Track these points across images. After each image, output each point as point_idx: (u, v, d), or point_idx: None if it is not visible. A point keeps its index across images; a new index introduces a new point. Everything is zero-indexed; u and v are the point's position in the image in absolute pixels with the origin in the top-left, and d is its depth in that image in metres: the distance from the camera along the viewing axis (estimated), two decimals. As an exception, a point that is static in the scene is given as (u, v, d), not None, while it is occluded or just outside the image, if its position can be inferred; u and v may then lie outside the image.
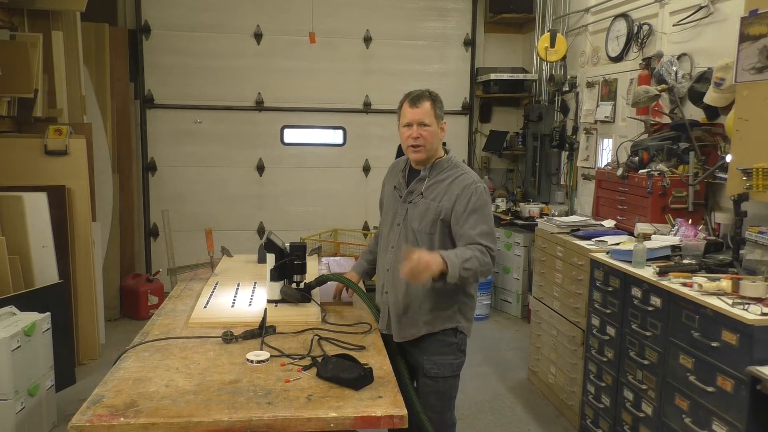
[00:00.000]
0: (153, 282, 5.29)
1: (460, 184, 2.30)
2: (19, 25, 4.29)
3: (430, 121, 2.29)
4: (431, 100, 2.31)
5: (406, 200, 2.38)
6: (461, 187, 2.28)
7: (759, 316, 2.10)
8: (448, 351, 2.37)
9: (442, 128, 2.35)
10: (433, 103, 2.31)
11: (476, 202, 2.26)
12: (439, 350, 2.36)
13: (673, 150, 3.36)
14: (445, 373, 2.37)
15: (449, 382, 2.40)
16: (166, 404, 1.67)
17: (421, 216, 2.32)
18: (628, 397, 2.88)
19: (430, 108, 2.29)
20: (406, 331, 2.36)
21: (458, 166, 2.38)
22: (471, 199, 2.26)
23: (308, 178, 5.99)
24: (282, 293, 2.48)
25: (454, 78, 6.06)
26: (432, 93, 2.34)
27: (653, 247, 2.90)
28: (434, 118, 2.30)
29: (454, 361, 2.38)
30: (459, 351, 2.40)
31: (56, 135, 4.17)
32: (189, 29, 5.61)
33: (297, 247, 2.50)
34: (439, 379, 2.37)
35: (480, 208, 2.27)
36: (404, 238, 2.35)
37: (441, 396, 2.39)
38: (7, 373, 3.06)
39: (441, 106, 2.35)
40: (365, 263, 2.72)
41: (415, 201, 2.35)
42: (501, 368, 4.35)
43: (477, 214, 2.25)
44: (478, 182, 2.32)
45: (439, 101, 2.35)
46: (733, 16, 3.13)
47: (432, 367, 2.35)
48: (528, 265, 5.33)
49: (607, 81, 4.45)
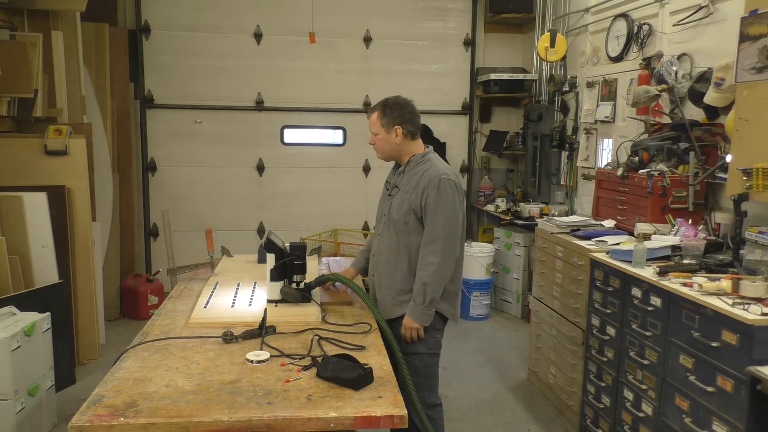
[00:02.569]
0: (153, 282, 5.29)
1: (427, 177, 2.52)
2: (19, 25, 4.28)
3: (376, 129, 2.59)
4: (380, 109, 2.58)
5: (390, 193, 2.66)
6: (427, 181, 2.50)
7: (759, 316, 2.10)
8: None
9: (396, 133, 2.56)
10: (381, 112, 2.57)
11: (436, 197, 2.47)
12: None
13: (673, 150, 3.35)
14: (419, 349, 2.55)
15: (424, 359, 2.58)
16: (166, 404, 1.67)
17: (398, 207, 2.57)
18: (628, 397, 2.88)
19: (376, 118, 2.58)
20: (389, 309, 2.58)
21: (429, 161, 2.59)
22: (431, 194, 2.47)
23: (308, 178, 5.98)
24: (282, 293, 2.49)
25: (454, 78, 6.06)
26: (386, 102, 2.59)
27: (653, 247, 2.90)
28: (381, 127, 2.57)
29: (428, 338, 2.55)
30: (434, 330, 2.57)
31: (56, 135, 4.17)
32: (189, 29, 5.61)
33: (297, 247, 2.52)
34: (414, 355, 2.54)
35: (440, 202, 2.47)
36: (386, 228, 2.63)
37: (416, 372, 2.51)
38: (7, 373, 3.06)
39: (393, 112, 2.56)
40: (363, 260, 2.89)
41: (394, 194, 2.63)
42: (501, 368, 4.35)
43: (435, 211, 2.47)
44: (443, 174, 2.51)
45: (391, 108, 2.57)
46: (733, 16, 3.13)
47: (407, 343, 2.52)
48: (528, 265, 5.33)
49: (607, 81, 4.45)
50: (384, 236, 2.64)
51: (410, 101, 2.62)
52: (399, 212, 2.56)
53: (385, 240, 2.63)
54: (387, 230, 2.62)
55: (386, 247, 2.62)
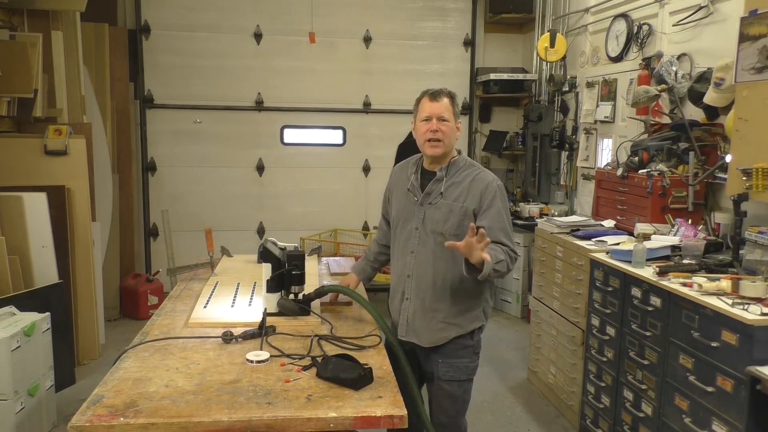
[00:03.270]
0: (153, 282, 5.28)
1: (482, 182, 2.28)
2: (19, 25, 4.28)
3: (449, 116, 2.28)
4: (450, 96, 2.32)
5: (423, 203, 2.32)
6: (484, 185, 2.27)
7: (759, 316, 2.10)
8: (464, 354, 2.35)
9: (458, 127, 2.34)
10: (452, 99, 2.32)
11: (499, 202, 2.26)
12: (455, 353, 2.33)
13: (673, 150, 3.36)
14: (460, 376, 2.34)
15: (464, 385, 2.37)
16: (166, 404, 1.67)
17: (444, 217, 2.27)
18: (628, 397, 2.88)
19: (449, 104, 2.30)
20: (436, 335, 2.31)
21: (474, 165, 2.37)
22: (495, 198, 2.26)
23: (308, 178, 5.98)
24: (279, 306, 2.36)
25: (453, 78, 6.05)
26: (451, 91, 2.35)
27: (653, 247, 2.90)
28: (452, 115, 2.30)
29: (469, 364, 2.36)
30: (474, 354, 2.37)
31: (56, 135, 4.17)
32: (189, 29, 5.61)
33: (295, 256, 2.36)
34: (454, 382, 2.34)
35: (502, 207, 2.27)
36: (423, 242, 2.30)
37: (455, 400, 2.36)
38: (6, 373, 3.06)
39: (458, 105, 2.36)
40: (369, 270, 2.66)
41: (434, 202, 2.30)
42: (501, 368, 4.35)
43: (500, 214, 2.25)
44: (497, 180, 2.32)
45: (457, 100, 2.36)
46: (733, 16, 3.13)
47: (448, 370, 2.32)
48: (528, 265, 5.33)
49: (606, 81, 4.45)
50: (422, 253, 2.29)
51: None
52: (447, 223, 2.25)
53: (426, 257, 2.29)
54: (425, 245, 2.29)
55: (429, 266, 2.29)
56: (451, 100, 2.31)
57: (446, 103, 2.29)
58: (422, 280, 2.30)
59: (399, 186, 2.46)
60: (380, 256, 2.65)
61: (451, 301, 2.29)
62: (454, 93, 2.35)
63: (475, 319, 2.35)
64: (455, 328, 2.30)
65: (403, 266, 2.36)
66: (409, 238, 2.34)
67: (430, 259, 2.29)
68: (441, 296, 2.29)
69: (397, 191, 2.47)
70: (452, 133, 2.30)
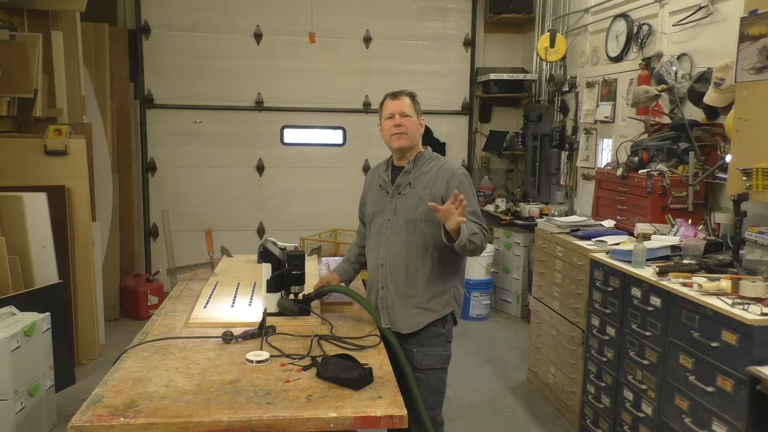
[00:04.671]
0: (153, 282, 5.29)
1: (448, 170, 2.43)
2: (18, 25, 4.28)
3: (410, 112, 2.44)
4: (410, 96, 2.48)
5: (394, 195, 2.45)
6: (450, 173, 2.41)
7: (759, 316, 2.10)
8: (437, 342, 2.44)
9: (421, 123, 2.49)
10: (412, 98, 2.48)
11: (468, 187, 2.40)
12: (429, 341, 2.43)
13: (672, 150, 3.36)
14: (435, 364, 2.43)
15: (438, 374, 2.46)
16: (166, 404, 1.67)
17: (414, 206, 2.40)
18: (628, 397, 2.88)
19: (410, 101, 2.46)
20: (412, 320, 2.40)
21: (440, 157, 2.52)
22: (463, 184, 2.39)
23: (308, 178, 5.98)
24: (279, 306, 2.37)
25: (453, 78, 6.06)
26: (411, 91, 2.51)
27: (653, 247, 2.90)
28: (414, 111, 2.45)
29: (443, 352, 2.45)
30: (447, 342, 2.47)
31: (56, 135, 4.17)
32: (189, 29, 5.61)
33: (295, 256, 2.37)
34: (429, 371, 2.42)
35: (470, 192, 2.41)
36: (395, 232, 2.43)
37: (430, 389, 2.43)
38: (6, 373, 3.06)
39: (419, 103, 2.50)
40: (351, 271, 2.73)
41: (404, 192, 2.44)
42: (501, 368, 4.35)
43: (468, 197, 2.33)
44: (462, 168, 2.48)
45: (417, 99, 2.50)
46: (732, 16, 3.13)
47: (423, 358, 2.41)
48: (528, 265, 5.33)
49: (606, 81, 4.45)
50: (394, 242, 2.41)
51: None
52: (417, 210, 2.37)
53: (398, 245, 2.40)
54: (397, 234, 2.41)
55: (401, 253, 2.40)
56: (411, 99, 2.47)
57: (407, 101, 2.45)
58: (395, 267, 2.42)
59: (373, 186, 2.60)
60: (361, 258, 2.73)
61: (424, 287, 2.40)
62: (414, 93, 2.51)
63: (447, 304, 2.44)
64: (429, 313, 2.41)
65: (377, 257, 2.47)
66: (381, 229, 2.47)
67: (402, 248, 2.41)
68: (413, 281, 2.40)
69: (372, 191, 2.60)
70: (415, 128, 2.46)
